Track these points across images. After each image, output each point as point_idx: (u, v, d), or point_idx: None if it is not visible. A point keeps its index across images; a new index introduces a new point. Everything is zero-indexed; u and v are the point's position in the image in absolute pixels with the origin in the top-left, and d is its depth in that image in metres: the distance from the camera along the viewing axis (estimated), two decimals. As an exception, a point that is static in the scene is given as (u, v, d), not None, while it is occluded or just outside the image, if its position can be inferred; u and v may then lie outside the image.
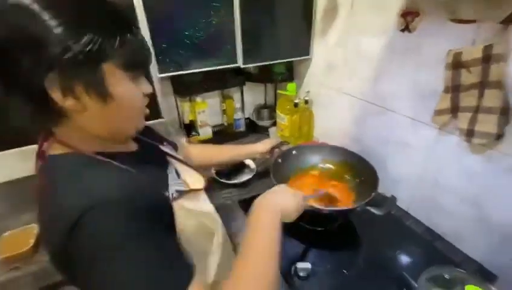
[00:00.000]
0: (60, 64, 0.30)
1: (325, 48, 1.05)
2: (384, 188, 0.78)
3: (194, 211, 0.47)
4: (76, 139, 0.37)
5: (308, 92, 1.14)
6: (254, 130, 1.37)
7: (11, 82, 0.31)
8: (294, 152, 0.95)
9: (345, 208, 0.71)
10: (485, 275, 0.64)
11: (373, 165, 0.80)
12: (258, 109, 1.41)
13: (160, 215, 0.38)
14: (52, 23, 0.29)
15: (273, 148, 0.94)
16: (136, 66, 0.38)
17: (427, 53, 0.69)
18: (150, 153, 0.51)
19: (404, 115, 0.79)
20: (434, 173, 0.75)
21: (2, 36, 0.29)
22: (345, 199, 0.81)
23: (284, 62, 1.18)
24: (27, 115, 0.34)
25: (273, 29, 1.00)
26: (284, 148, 0.96)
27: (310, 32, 1.05)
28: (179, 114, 1.22)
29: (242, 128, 1.34)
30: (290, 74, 1.24)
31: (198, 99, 1.21)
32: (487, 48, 0.55)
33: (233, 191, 0.96)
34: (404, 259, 0.71)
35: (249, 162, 1.03)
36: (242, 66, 1.00)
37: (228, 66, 0.99)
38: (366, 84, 0.90)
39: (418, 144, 0.78)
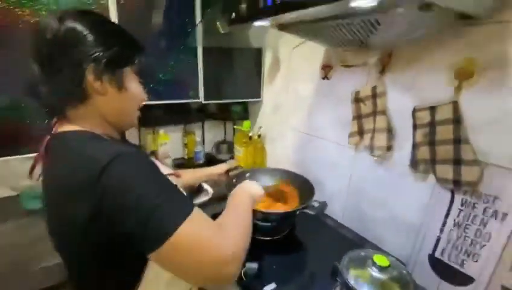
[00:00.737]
0: (97, 60, 0.45)
1: (272, 92, 1.29)
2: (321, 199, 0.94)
3: None
4: (87, 121, 0.49)
5: (260, 127, 1.34)
6: (213, 163, 1.49)
7: (65, 68, 0.44)
8: (247, 174, 1.08)
9: (287, 211, 0.83)
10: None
11: (310, 182, 0.97)
12: (218, 144, 1.56)
13: None
14: (93, 38, 0.45)
15: (228, 171, 1.06)
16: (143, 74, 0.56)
17: (340, 93, 0.94)
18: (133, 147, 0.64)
19: (331, 141, 1.01)
20: (357, 186, 0.94)
21: (67, 43, 0.44)
22: (288, 207, 0.93)
23: (240, 103, 1.40)
24: (61, 94, 0.47)
25: (230, 74, 1.22)
26: (239, 171, 1.09)
27: (261, 79, 1.31)
28: (140, 144, 1.31)
29: (201, 161, 1.45)
30: (245, 113, 1.45)
31: (162, 131, 1.32)
32: (373, 88, 0.81)
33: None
34: (338, 258, 0.82)
35: (206, 186, 1.12)
36: (203, 102, 1.18)
37: (191, 100, 1.16)
38: (304, 119, 1.12)
39: (343, 163, 0.97)
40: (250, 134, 1.30)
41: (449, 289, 0.68)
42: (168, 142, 1.34)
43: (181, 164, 1.44)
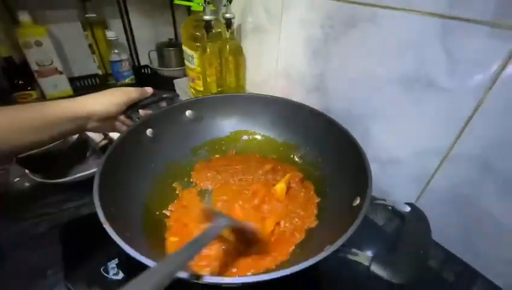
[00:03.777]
0: None
1: None
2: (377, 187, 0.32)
3: None
4: None
5: (229, 2, 0.60)
6: (153, 83, 0.82)
7: None
8: (188, 113, 0.44)
9: (292, 270, 0.22)
10: None
11: (354, 139, 0.33)
12: (162, 48, 0.84)
13: None
14: None
15: (132, 107, 0.41)
16: None
17: None
18: None
19: (429, 11, 0.31)
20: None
21: None
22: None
23: None
24: None
25: None
26: (164, 106, 0.45)
27: None
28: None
29: (129, 80, 0.78)
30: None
31: (26, 18, 0.62)
32: None
33: (63, 197, 0.44)
34: None
35: (94, 135, 0.49)
36: None
37: None
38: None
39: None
40: (208, 18, 0.58)
41: None
42: (46, 41, 0.65)
43: (91, 85, 0.79)
